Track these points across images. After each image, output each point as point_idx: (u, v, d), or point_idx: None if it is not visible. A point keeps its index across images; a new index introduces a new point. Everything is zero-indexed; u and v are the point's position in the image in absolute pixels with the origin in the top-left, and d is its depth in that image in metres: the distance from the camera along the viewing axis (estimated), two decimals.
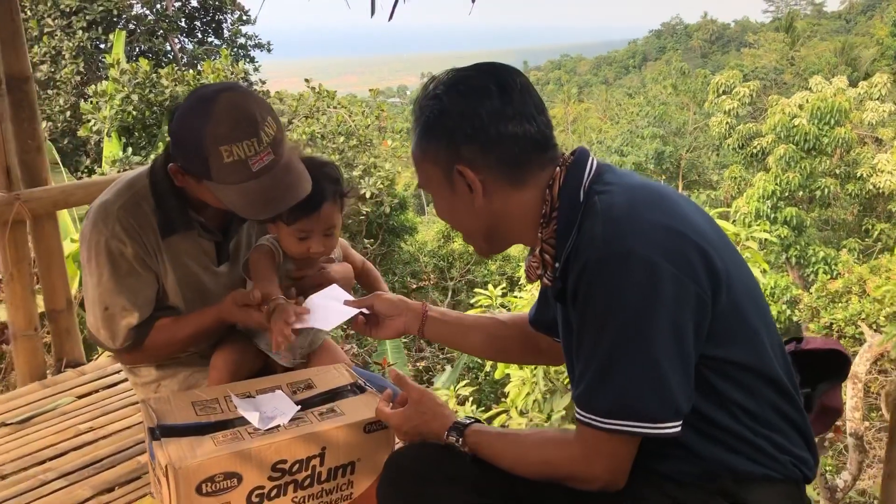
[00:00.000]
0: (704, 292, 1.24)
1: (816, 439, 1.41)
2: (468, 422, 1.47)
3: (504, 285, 6.91)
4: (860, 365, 8.13)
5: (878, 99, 23.33)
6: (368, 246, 11.74)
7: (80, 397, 2.36)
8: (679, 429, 1.24)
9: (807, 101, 21.42)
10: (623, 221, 1.25)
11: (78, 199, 2.65)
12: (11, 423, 2.21)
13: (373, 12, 2.33)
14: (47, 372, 2.61)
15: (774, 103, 22.45)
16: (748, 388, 1.31)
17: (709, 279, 1.25)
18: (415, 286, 13.31)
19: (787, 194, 19.66)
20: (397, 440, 1.66)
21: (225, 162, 1.67)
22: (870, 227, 21.65)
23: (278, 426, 1.62)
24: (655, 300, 1.20)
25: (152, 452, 1.62)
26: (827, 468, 8.63)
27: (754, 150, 22.16)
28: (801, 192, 20.25)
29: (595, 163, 1.39)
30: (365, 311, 1.80)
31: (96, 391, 2.40)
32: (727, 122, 23.57)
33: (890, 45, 36.72)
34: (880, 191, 20.79)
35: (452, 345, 1.90)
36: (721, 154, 27.16)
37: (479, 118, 1.34)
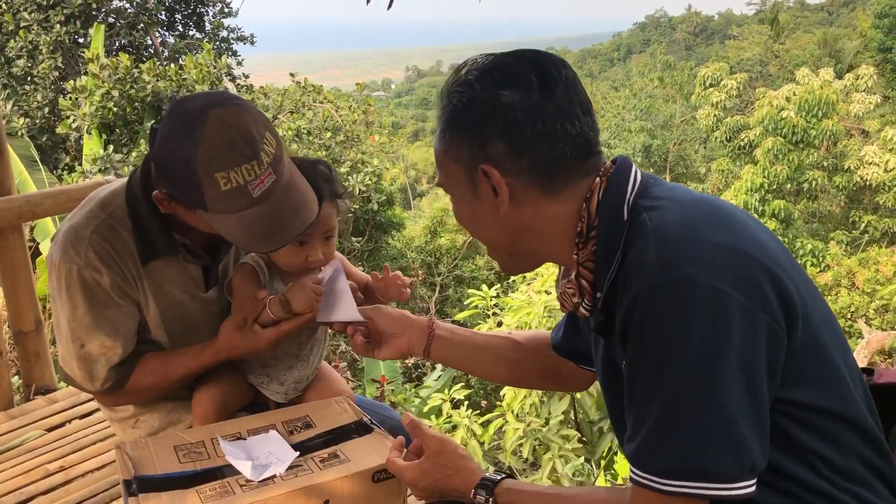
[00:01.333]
0: (779, 325, 1.05)
1: None
2: (499, 477, 1.27)
3: (498, 286, 6.70)
4: (859, 362, 8.04)
5: (864, 91, 23.39)
6: (356, 243, 11.55)
7: (49, 430, 2.14)
8: (754, 488, 1.05)
9: (794, 93, 21.46)
10: (681, 243, 1.06)
11: (46, 210, 2.39)
12: None
13: (368, 0, 2.14)
14: (14, 400, 2.38)
15: (762, 96, 22.46)
16: (829, 436, 1.12)
17: (783, 309, 1.06)
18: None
19: (774, 187, 19.64)
20: (410, 493, 1.45)
21: (222, 190, 1.45)
22: (857, 219, 21.74)
23: (274, 476, 1.41)
24: (724, 337, 1.01)
25: None
26: None
27: (742, 143, 22.16)
28: (788, 185, 20.26)
29: (639, 174, 1.20)
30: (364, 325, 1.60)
31: (69, 422, 2.18)
32: (715, 115, 23.58)
33: (873, 37, 36.93)
34: (867, 183, 20.83)
35: (460, 367, 1.71)
36: (708, 147, 27.14)
37: (514, 112, 1.14)
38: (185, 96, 1.52)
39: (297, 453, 1.47)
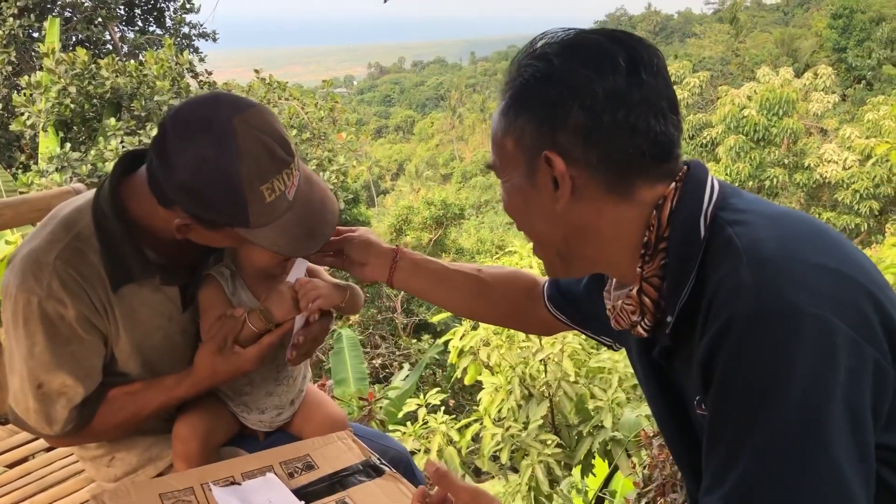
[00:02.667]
0: (885, 359, 0.91)
1: None
2: None
3: None
4: None
5: (822, 90, 23.80)
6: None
7: (10, 466, 1.91)
8: None
9: (755, 91, 21.75)
10: (780, 265, 0.92)
11: (6, 221, 2.13)
12: None
13: None
14: None
15: (724, 94, 22.72)
16: None
17: (888, 340, 0.92)
18: (369, 282, 12.99)
19: (737, 184, 19.81)
20: None
21: (267, 202, 1.32)
22: (816, 216, 22.11)
23: None
24: (832, 375, 0.87)
25: None
26: None
27: (704, 141, 22.39)
28: (751, 182, 20.52)
29: (716, 182, 1.06)
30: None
31: (32, 456, 1.95)
32: None
33: (828, 36, 37.70)
34: (826, 180, 21.18)
35: (423, 297, 1.67)
36: None
37: (594, 96, 1.00)
38: (178, 114, 1.33)
39: (302, 503, 1.31)
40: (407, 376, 8.15)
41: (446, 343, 6.47)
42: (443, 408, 6.47)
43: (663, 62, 1.04)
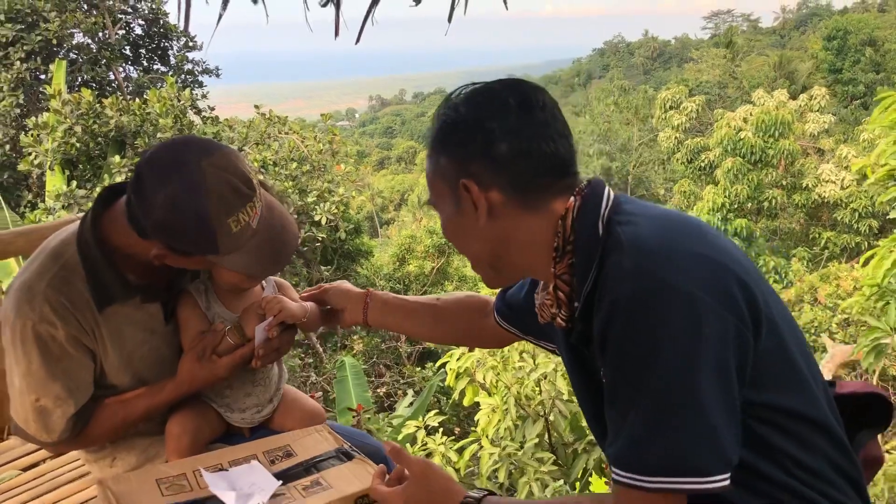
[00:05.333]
0: (747, 328, 1.11)
1: None
2: (481, 495, 1.31)
3: None
4: (824, 375, 8.17)
5: (817, 111, 23.98)
6: (325, 272, 11.50)
7: (25, 469, 2.11)
8: (728, 481, 1.10)
9: (751, 114, 21.91)
10: (656, 253, 1.13)
11: (19, 248, 2.33)
12: None
13: (336, 33, 2.19)
14: None
15: (720, 117, 22.91)
16: (799, 438, 1.18)
17: (751, 314, 1.12)
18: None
19: (736, 206, 20.00)
20: None
21: (234, 232, 1.51)
22: (816, 235, 22.19)
23: None
24: (699, 339, 1.07)
25: None
26: None
27: (702, 164, 22.55)
28: (749, 204, 20.63)
29: (612, 193, 1.27)
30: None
31: (43, 461, 2.15)
32: (675, 137, 23.97)
33: (824, 58, 37.98)
34: (825, 200, 21.29)
35: (395, 330, 1.94)
36: (668, 168, 27.59)
37: (493, 132, 1.22)
38: (151, 157, 1.51)
39: (280, 482, 1.50)
40: (411, 403, 8.26)
41: (444, 365, 6.62)
42: (441, 429, 6.59)
43: (550, 99, 1.26)
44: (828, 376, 7.82)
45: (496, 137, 1.22)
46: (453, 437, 6.59)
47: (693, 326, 1.07)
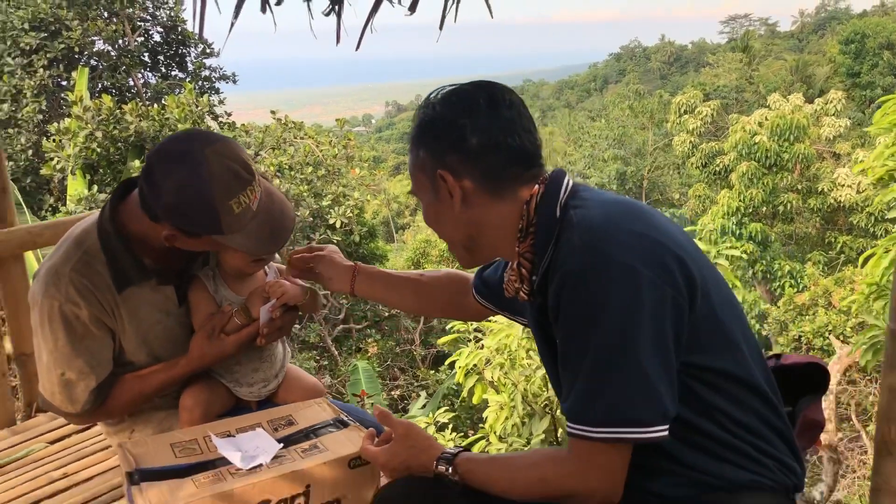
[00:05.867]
0: (682, 297, 1.26)
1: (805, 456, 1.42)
2: (456, 450, 1.46)
3: None
4: (832, 376, 8.23)
5: (833, 115, 23.89)
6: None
7: (52, 443, 2.29)
8: (667, 432, 1.24)
9: (766, 118, 21.86)
10: (601, 232, 1.28)
11: (46, 240, 2.57)
12: None
13: (338, 40, 2.34)
14: (17, 418, 2.54)
15: (735, 121, 22.88)
16: (731, 396, 1.33)
17: (686, 285, 1.27)
18: (387, 314, 13.24)
19: (751, 210, 19.97)
20: (382, 476, 1.63)
21: (235, 213, 1.67)
22: (832, 239, 22.07)
23: (261, 465, 1.58)
24: (637, 306, 1.22)
25: (131, 498, 1.57)
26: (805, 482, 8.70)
27: (717, 168, 22.51)
28: (764, 208, 20.59)
29: (570, 181, 1.42)
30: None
31: (68, 436, 2.33)
32: (690, 141, 23.96)
33: (842, 62, 37.72)
34: (841, 204, 21.20)
35: (380, 300, 2.06)
36: (683, 173, 27.56)
37: (464, 129, 1.38)
38: (160, 149, 1.68)
39: (281, 445, 1.66)
40: (424, 405, 8.41)
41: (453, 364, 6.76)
42: (451, 426, 6.74)
43: (517, 97, 1.42)
44: (836, 377, 7.85)
45: (468, 133, 1.37)
46: (461, 435, 6.74)
47: (632, 295, 1.22)
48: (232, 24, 2.38)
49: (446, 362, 12.09)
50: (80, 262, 1.77)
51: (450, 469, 1.43)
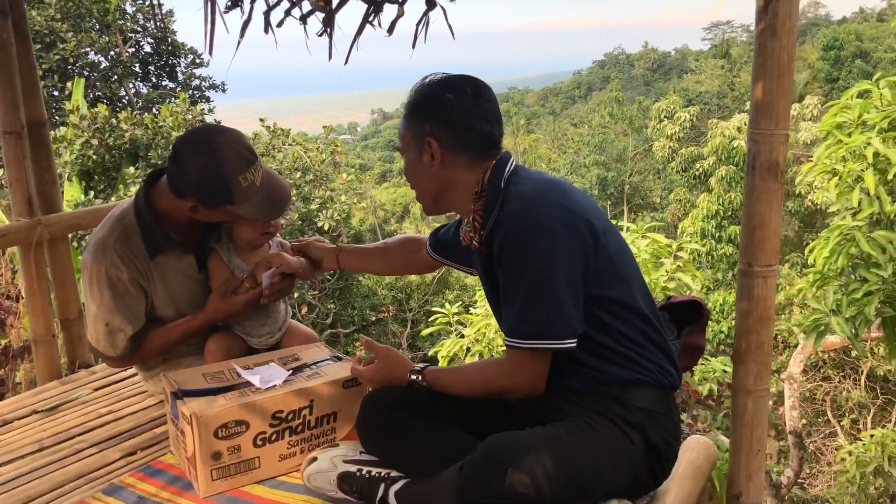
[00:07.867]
0: (589, 248, 1.72)
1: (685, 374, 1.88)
2: (424, 365, 1.92)
3: (459, 303, 7.32)
4: (794, 366, 8.68)
5: (810, 119, 24.39)
6: (329, 278, 11.95)
7: (96, 390, 2.75)
8: (575, 344, 1.70)
9: (744, 123, 22.29)
10: (532, 201, 1.73)
11: (89, 223, 3.05)
12: (42, 410, 2.57)
13: (330, 57, 2.75)
14: (63, 372, 2.99)
15: (714, 126, 23.33)
16: (623, 318, 1.79)
17: (591, 240, 1.73)
18: (374, 318, 13.49)
19: (730, 213, 20.36)
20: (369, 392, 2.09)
21: (244, 187, 2.12)
22: (810, 241, 22.34)
23: (275, 385, 2.05)
24: (556, 254, 1.67)
25: (175, 411, 2.03)
26: (774, 471, 9.11)
27: (697, 172, 22.90)
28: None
29: (514, 163, 1.87)
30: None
31: (108, 385, 2.79)
32: (670, 147, 24.34)
33: (821, 68, 38.24)
34: (818, 207, 21.68)
35: (361, 270, 2.85)
36: (663, 178, 27.98)
37: (453, 107, 1.81)
38: (184, 139, 2.15)
39: (290, 372, 2.12)
40: None
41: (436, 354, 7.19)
42: None
43: (492, 93, 1.86)
44: (798, 368, 8.28)
45: (455, 112, 1.81)
46: None
47: (553, 247, 1.68)
48: (238, 43, 2.82)
49: (430, 352, 12.42)
50: (122, 234, 2.23)
51: (420, 377, 1.89)
